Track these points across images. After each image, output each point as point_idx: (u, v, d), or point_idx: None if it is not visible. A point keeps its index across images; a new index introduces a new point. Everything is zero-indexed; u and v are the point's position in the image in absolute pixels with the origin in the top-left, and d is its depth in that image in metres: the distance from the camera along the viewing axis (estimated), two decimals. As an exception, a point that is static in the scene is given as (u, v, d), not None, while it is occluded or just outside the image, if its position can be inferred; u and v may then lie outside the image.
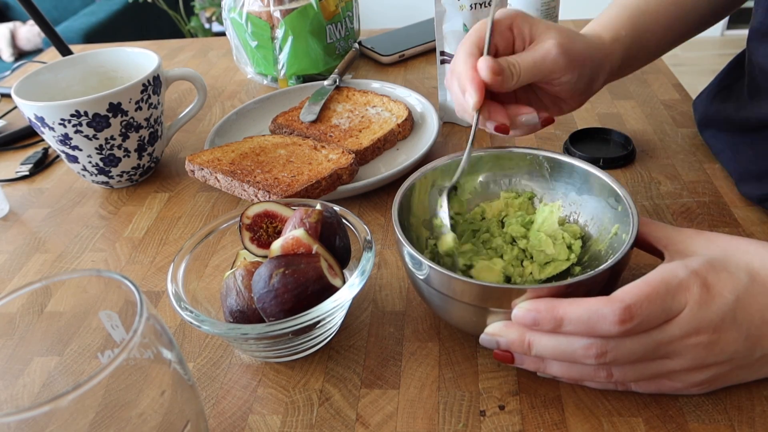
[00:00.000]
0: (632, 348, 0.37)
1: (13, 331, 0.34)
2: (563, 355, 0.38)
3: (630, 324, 0.36)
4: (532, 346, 0.39)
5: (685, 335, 0.36)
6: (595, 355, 0.37)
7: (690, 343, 0.37)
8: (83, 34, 2.20)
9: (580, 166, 0.50)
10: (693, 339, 0.37)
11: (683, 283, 0.37)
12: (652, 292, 0.36)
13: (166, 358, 0.31)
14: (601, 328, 0.36)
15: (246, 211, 0.49)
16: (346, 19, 0.91)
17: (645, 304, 0.36)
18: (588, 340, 0.37)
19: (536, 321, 0.37)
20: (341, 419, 0.42)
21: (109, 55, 0.74)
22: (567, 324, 0.37)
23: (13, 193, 0.73)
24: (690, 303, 0.36)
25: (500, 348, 0.40)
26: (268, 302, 0.42)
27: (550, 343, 0.38)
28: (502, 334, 0.40)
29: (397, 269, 0.55)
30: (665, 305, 0.36)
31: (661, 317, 0.36)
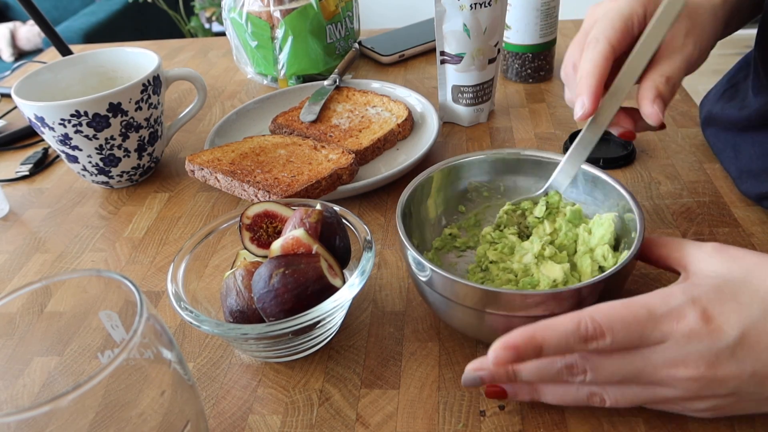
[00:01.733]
0: (610, 368, 0.36)
1: (13, 331, 0.34)
2: (548, 376, 0.37)
3: (598, 344, 0.34)
4: (517, 373, 0.38)
5: (668, 365, 0.34)
6: (577, 373, 0.36)
7: (678, 375, 0.34)
8: (83, 34, 2.20)
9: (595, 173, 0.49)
10: (681, 371, 0.34)
11: (673, 311, 0.34)
12: (629, 315, 0.34)
13: (166, 358, 0.31)
14: (576, 347, 0.35)
15: (246, 211, 0.49)
16: (346, 19, 0.91)
17: (618, 326, 0.34)
18: (568, 360, 0.36)
19: (518, 357, 0.35)
20: (341, 419, 0.42)
21: (109, 55, 0.74)
22: (546, 349, 0.35)
23: (13, 193, 0.73)
24: (676, 334, 0.34)
25: (485, 382, 0.38)
26: (268, 302, 0.42)
27: (533, 367, 0.37)
28: (483, 367, 0.38)
29: (397, 269, 0.55)
30: (643, 332, 0.34)
31: (635, 341, 0.34)
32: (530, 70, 0.84)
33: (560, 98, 0.80)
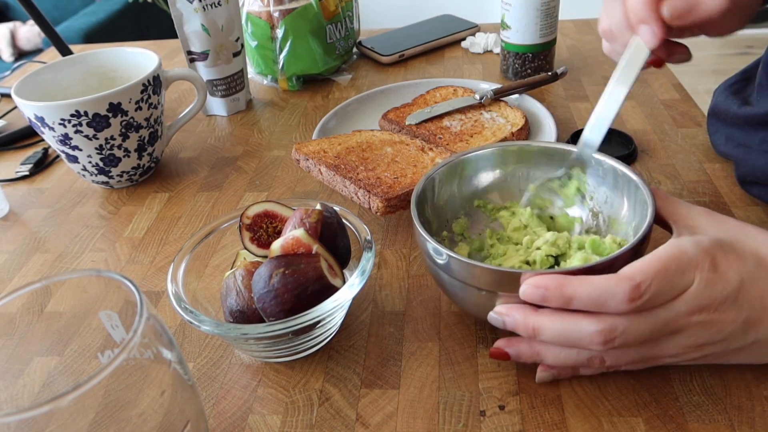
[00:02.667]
0: (640, 329, 0.36)
1: (13, 331, 0.34)
2: (568, 340, 0.38)
3: (640, 301, 0.35)
4: (537, 331, 0.38)
5: (689, 312, 0.36)
6: (603, 341, 0.36)
7: (692, 321, 0.37)
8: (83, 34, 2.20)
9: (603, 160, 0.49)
10: (695, 317, 0.37)
11: (693, 260, 0.36)
12: (662, 269, 0.36)
13: (166, 358, 0.31)
14: (611, 306, 0.36)
15: (246, 211, 0.49)
16: (346, 19, 0.91)
17: (655, 281, 0.35)
18: (597, 326, 0.36)
19: (545, 298, 0.37)
20: (341, 419, 0.42)
21: (109, 55, 0.74)
22: (576, 302, 0.36)
23: (13, 193, 0.73)
24: (697, 280, 0.36)
25: (506, 326, 0.39)
26: (268, 302, 0.42)
27: (556, 328, 0.37)
28: (509, 313, 0.39)
29: (397, 269, 0.55)
30: (674, 282, 0.36)
31: (669, 294, 0.36)
32: (530, 70, 0.84)
33: (561, 98, 0.80)
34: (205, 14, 0.76)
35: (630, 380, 0.42)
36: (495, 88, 0.74)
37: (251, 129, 0.81)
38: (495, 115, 0.72)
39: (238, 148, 0.77)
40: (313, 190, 0.67)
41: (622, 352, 0.38)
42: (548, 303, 0.37)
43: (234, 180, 0.70)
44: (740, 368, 0.43)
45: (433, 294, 0.51)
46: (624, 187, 0.47)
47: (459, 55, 0.97)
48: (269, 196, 0.67)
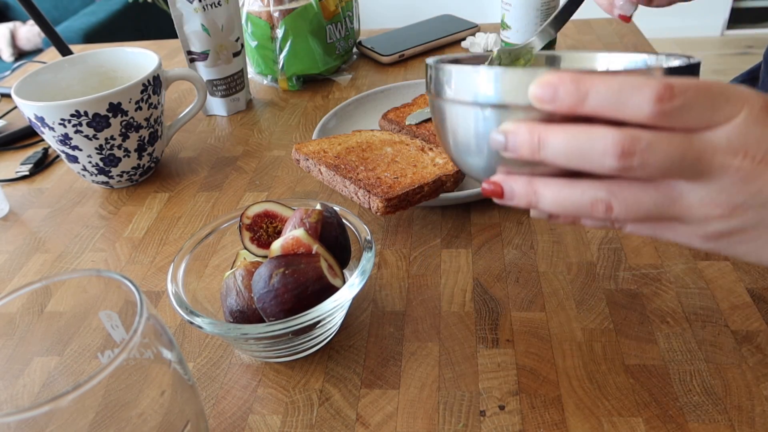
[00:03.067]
0: (667, 150, 0.30)
1: (13, 331, 0.34)
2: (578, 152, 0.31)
3: (669, 104, 0.29)
4: (543, 142, 0.31)
5: (729, 150, 0.30)
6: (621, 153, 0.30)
7: (731, 164, 0.30)
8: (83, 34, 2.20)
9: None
10: (736, 160, 0.30)
11: (743, 94, 0.30)
12: (704, 84, 0.30)
13: (166, 358, 0.31)
14: (633, 104, 0.29)
15: (246, 211, 0.49)
16: (346, 19, 0.91)
17: (692, 90, 0.29)
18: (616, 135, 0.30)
19: (555, 95, 0.30)
20: (341, 419, 0.42)
21: (109, 55, 0.74)
22: (593, 97, 0.30)
23: (13, 193, 0.73)
24: (745, 113, 0.30)
25: (508, 147, 0.33)
26: (268, 302, 0.42)
27: (565, 136, 0.31)
28: (514, 130, 0.32)
29: (397, 269, 0.55)
30: (715, 102, 0.30)
31: (705, 112, 0.30)
32: (530, 70, 0.83)
33: (560, 98, 0.80)
34: (205, 14, 0.76)
35: (630, 380, 0.42)
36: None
37: (251, 129, 0.81)
38: None
39: (238, 148, 0.77)
40: (313, 190, 0.67)
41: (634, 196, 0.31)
42: (560, 100, 0.30)
43: (234, 180, 0.70)
44: (740, 368, 0.43)
45: (433, 294, 0.51)
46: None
47: (459, 54, 0.97)
48: (269, 196, 0.67)
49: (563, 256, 0.54)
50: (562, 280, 0.51)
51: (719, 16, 3.02)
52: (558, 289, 0.51)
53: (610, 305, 0.49)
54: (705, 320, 0.47)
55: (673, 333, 0.46)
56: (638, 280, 0.51)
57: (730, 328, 0.46)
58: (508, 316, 0.48)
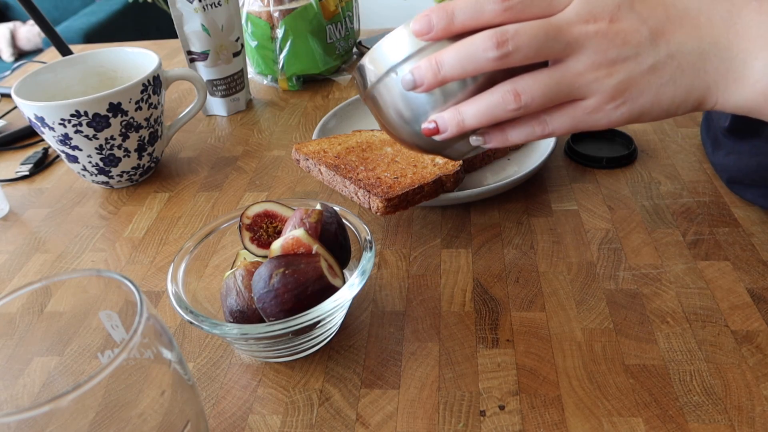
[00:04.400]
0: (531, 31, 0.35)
1: (13, 331, 0.34)
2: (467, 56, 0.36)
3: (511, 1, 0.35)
4: (440, 63, 0.37)
5: (580, 20, 0.35)
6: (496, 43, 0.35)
7: (588, 30, 0.35)
8: (83, 34, 2.20)
9: None
10: (591, 25, 0.35)
11: None
12: None
13: (166, 358, 0.31)
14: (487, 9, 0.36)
15: (246, 211, 0.49)
16: (346, 19, 0.91)
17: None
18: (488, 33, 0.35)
19: (429, 23, 0.37)
20: (341, 419, 0.42)
21: (109, 55, 0.74)
22: (458, 15, 0.36)
23: (13, 193, 0.73)
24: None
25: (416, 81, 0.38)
26: (268, 302, 0.42)
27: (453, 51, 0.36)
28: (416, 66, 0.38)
29: (397, 269, 0.55)
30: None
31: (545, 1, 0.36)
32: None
33: (560, 98, 0.80)
34: (205, 14, 0.76)
35: (630, 380, 0.42)
36: None
37: (251, 129, 0.81)
38: None
39: (238, 148, 0.77)
40: (313, 190, 0.67)
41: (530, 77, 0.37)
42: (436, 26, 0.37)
43: (234, 180, 0.70)
44: (740, 368, 0.43)
45: (433, 294, 0.51)
46: None
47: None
48: (269, 196, 0.67)
49: (563, 256, 0.54)
50: (562, 280, 0.51)
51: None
52: (558, 289, 0.51)
53: (610, 305, 0.49)
54: (705, 320, 0.47)
55: (673, 333, 0.46)
56: (638, 280, 0.51)
57: (730, 328, 0.46)
58: (508, 316, 0.49)
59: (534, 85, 0.36)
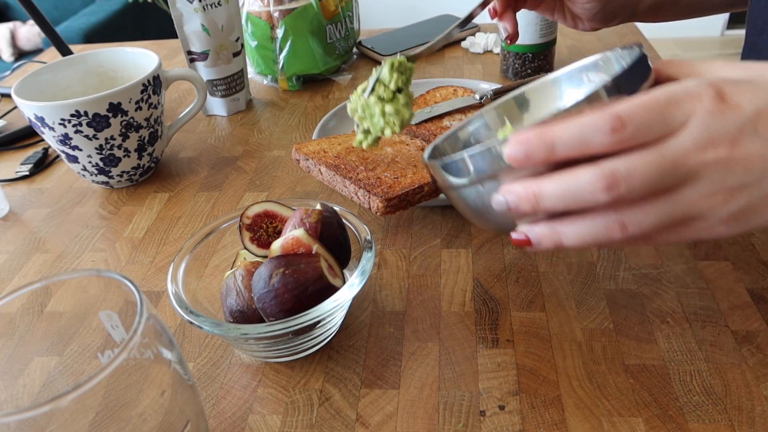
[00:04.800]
0: (645, 169, 0.32)
1: (13, 331, 0.34)
2: (572, 196, 0.33)
3: (624, 132, 0.32)
4: (539, 196, 0.34)
5: (698, 148, 0.32)
6: (607, 186, 0.32)
7: (707, 159, 0.32)
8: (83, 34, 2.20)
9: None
10: (710, 153, 0.32)
11: (692, 92, 0.32)
12: (649, 100, 0.32)
13: (166, 358, 0.31)
14: (595, 142, 0.32)
15: (246, 211, 0.49)
16: (346, 19, 0.91)
17: (640, 110, 0.32)
18: (596, 171, 0.32)
19: (528, 153, 0.33)
20: (341, 419, 0.42)
21: (109, 55, 0.74)
22: (559, 145, 0.33)
23: (13, 193, 0.73)
24: (698, 112, 0.32)
25: (509, 205, 0.36)
26: (268, 302, 0.42)
27: (555, 185, 0.34)
28: (509, 190, 0.36)
29: (397, 269, 0.55)
30: (665, 113, 0.32)
31: (659, 126, 0.32)
32: (530, 70, 0.84)
33: (560, 98, 0.80)
34: (205, 14, 0.76)
35: (630, 380, 0.42)
36: (495, 88, 0.74)
37: (251, 129, 0.81)
38: None
39: (238, 148, 0.77)
40: (313, 190, 0.67)
41: (639, 209, 0.33)
42: (534, 156, 0.33)
43: (234, 180, 0.70)
44: (740, 368, 0.43)
45: (433, 294, 0.51)
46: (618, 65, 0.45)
47: (459, 55, 0.97)
48: (269, 196, 0.67)
49: (563, 256, 0.54)
50: (562, 280, 0.51)
51: (719, 17, 3.02)
52: (558, 289, 0.51)
53: (610, 305, 0.49)
54: (705, 320, 0.47)
55: (673, 333, 0.46)
56: (638, 280, 0.51)
57: (730, 328, 0.46)
58: (508, 316, 0.49)
59: (643, 218, 0.34)
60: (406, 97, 0.57)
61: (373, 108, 0.56)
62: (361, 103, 0.56)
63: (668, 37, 3.03)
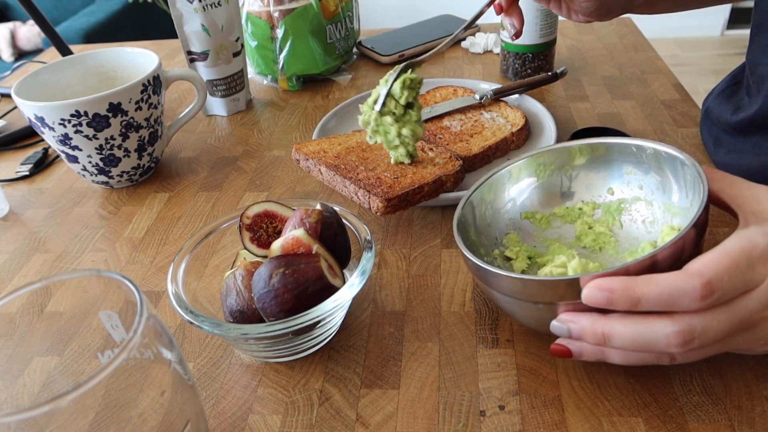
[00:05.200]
0: (719, 328, 0.34)
1: (13, 331, 0.34)
2: (644, 344, 0.35)
3: (711, 299, 0.33)
4: (608, 337, 0.35)
5: (763, 307, 0.35)
6: (682, 342, 0.34)
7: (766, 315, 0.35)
8: (83, 34, 2.20)
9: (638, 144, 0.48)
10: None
11: (764, 253, 0.35)
12: (732, 264, 0.34)
13: (166, 358, 0.31)
14: (683, 305, 0.34)
15: (246, 211, 0.49)
16: (346, 19, 0.91)
17: (726, 277, 0.34)
18: (674, 327, 0.34)
19: (610, 301, 0.34)
20: (341, 419, 0.42)
21: (109, 55, 0.74)
22: (645, 303, 0.34)
23: (13, 193, 0.73)
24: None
25: (572, 335, 0.37)
26: (268, 302, 0.42)
27: (629, 331, 0.35)
28: (574, 320, 0.36)
29: (397, 269, 0.55)
30: (746, 277, 0.34)
31: (741, 290, 0.34)
32: (530, 70, 0.84)
33: (561, 98, 0.80)
34: (205, 14, 0.76)
35: (630, 380, 0.42)
36: (495, 88, 0.74)
37: (251, 129, 0.81)
38: (495, 115, 0.72)
39: (238, 148, 0.77)
40: (313, 190, 0.67)
41: (697, 351, 0.36)
42: (615, 306, 0.34)
43: (234, 180, 0.70)
44: (740, 368, 0.43)
45: (433, 294, 0.51)
46: (673, 169, 0.46)
47: (459, 55, 0.97)
48: (269, 196, 0.67)
49: (563, 256, 0.54)
50: (562, 280, 0.51)
51: (719, 16, 3.02)
52: (558, 289, 0.51)
53: (610, 305, 0.48)
54: (705, 320, 0.47)
55: (673, 333, 0.46)
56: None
57: (730, 328, 0.46)
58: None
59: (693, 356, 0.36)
60: (418, 113, 0.58)
61: (388, 126, 0.58)
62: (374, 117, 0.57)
63: (668, 37, 3.03)
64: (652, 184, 0.49)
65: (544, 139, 0.69)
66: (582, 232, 0.51)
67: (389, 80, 0.57)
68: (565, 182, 0.52)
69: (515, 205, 0.53)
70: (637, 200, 0.50)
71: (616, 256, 0.48)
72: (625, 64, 0.88)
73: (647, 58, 0.89)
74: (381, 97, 0.57)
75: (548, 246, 0.51)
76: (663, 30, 2.96)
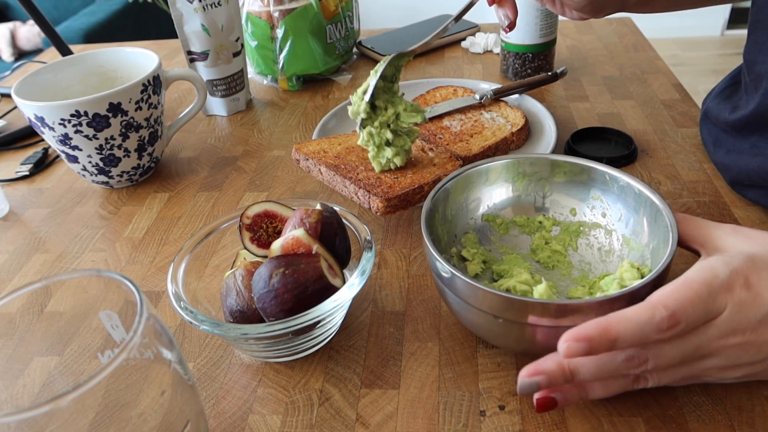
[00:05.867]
0: (672, 353, 0.36)
1: (13, 331, 0.34)
2: (608, 373, 0.37)
3: (675, 330, 0.35)
4: (575, 372, 0.36)
5: (722, 336, 0.36)
6: (637, 365, 0.36)
7: (727, 343, 0.36)
8: (83, 34, 2.20)
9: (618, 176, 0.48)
10: (730, 339, 0.36)
11: (725, 283, 0.36)
12: (695, 296, 0.35)
13: (166, 358, 0.31)
14: (652, 337, 0.35)
15: (246, 211, 0.49)
16: (346, 19, 0.91)
17: (689, 308, 0.35)
18: (629, 352, 0.36)
19: (591, 349, 0.35)
20: (341, 419, 0.42)
21: (109, 55, 0.74)
22: (621, 342, 0.35)
23: (13, 193, 0.73)
24: (730, 305, 0.36)
25: (542, 387, 0.36)
26: (268, 302, 0.42)
27: (592, 365, 0.36)
28: (540, 371, 0.36)
29: (397, 269, 0.55)
30: (707, 308, 0.35)
31: (702, 320, 0.36)
32: (530, 70, 0.84)
33: (561, 98, 0.80)
34: (205, 14, 0.76)
35: (630, 380, 0.42)
36: (495, 88, 0.74)
37: (251, 129, 0.81)
38: (495, 115, 0.72)
39: (238, 148, 0.77)
40: (313, 190, 0.67)
41: (662, 373, 0.38)
42: (595, 352, 0.35)
43: (234, 180, 0.70)
44: (740, 368, 0.43)
45: (433, 294, 0.51)
46: (642, 207, 0.47)
47: (459, 55, 0.97)
48: (269, 196, 0.67)
49: (563, 256, 0.54)
50: (562, 280, 0.51)
51: (719, 16, 3.02)
52: (558, 289, 0.51)
53: (610, 305, 0.48)
54: (705, 320, 0.47)
55: (673, 333, 0.46)
56: (638, 280, 0.51)
57: (730, 328, 0.46)
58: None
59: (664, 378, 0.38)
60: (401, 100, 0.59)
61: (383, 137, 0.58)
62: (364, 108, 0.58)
63: (668, 37, 3.03)
64: (616, 215, 0.49)
65: (544, 139, 0.69)
66: (538, 246, 0.51)
67: (379, 70, 0.57)
68: (538, 196, 0.53)
69: (479, 206, 0.53)
70: (597, 227, 0.50)
71: (568, 277, 0.49)
72: (625, 64, 0.88)
73: (647, 58, 0.89)
74: (370, 87, 0.57)
75: (503, 254, 0.51)
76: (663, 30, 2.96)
